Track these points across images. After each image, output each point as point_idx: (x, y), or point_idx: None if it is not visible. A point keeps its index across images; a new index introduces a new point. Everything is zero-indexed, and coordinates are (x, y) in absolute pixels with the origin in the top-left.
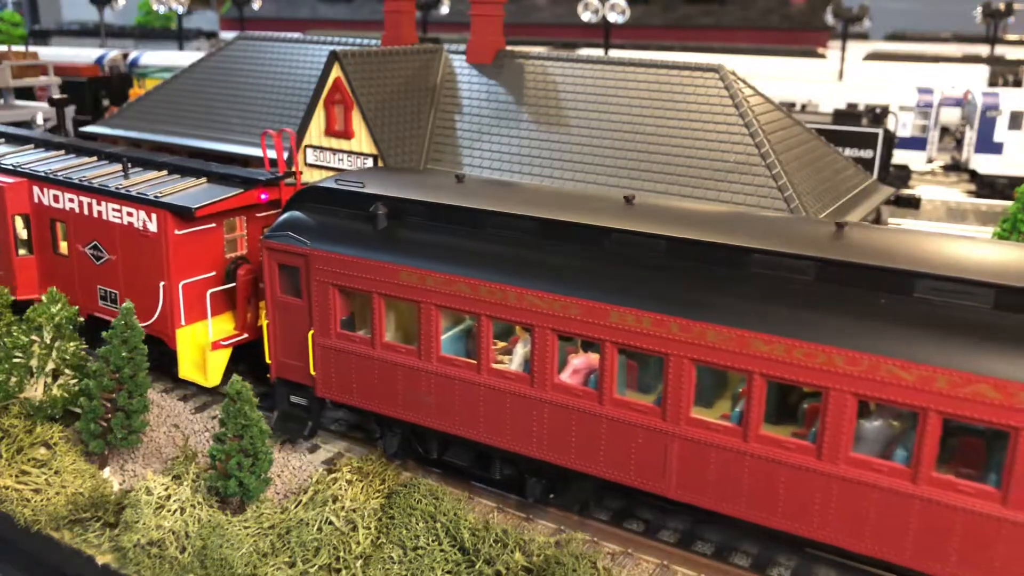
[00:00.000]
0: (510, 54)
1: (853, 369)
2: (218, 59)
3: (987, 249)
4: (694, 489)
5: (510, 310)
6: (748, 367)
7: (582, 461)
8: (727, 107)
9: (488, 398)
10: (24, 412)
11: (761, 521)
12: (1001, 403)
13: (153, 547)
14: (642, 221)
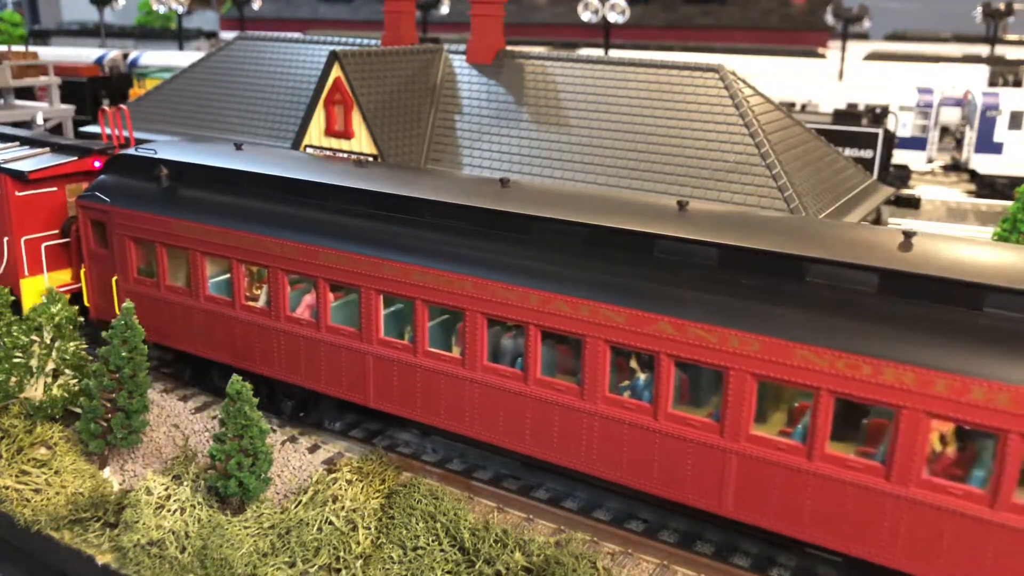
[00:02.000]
0: (510, 54)
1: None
2: (218, 59)
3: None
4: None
5: (256, 255)
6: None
7: (300, 376)
8: (727, 107)
9: (240, 329)
10: (24, 412)
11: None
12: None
13: (153, 547)
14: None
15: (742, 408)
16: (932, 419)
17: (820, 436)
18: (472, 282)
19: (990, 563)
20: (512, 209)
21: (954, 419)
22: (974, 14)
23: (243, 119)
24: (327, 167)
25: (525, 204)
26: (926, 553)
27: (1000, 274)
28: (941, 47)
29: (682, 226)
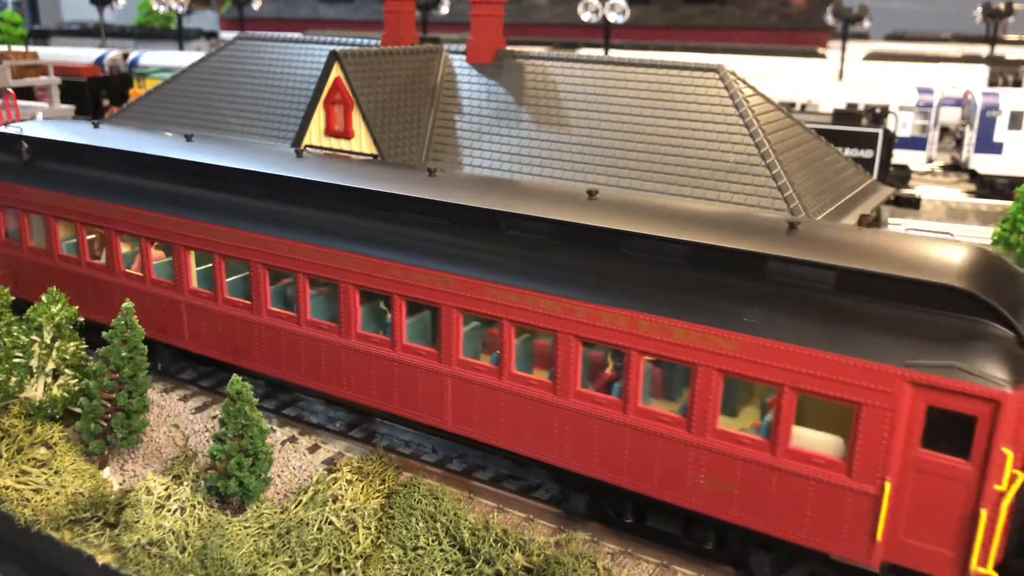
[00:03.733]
0: (510, 54)
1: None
2: (218, 59)
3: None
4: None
5: (96, 219)
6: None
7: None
8: (727, 107)
9: (86, 283)
10: (24, 412)
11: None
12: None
13: (153, 547)
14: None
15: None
16: (580, 341)
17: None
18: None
19: (625, 453)
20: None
21: (593, 340)
22: (974, 14)
23: (243, 119)
24: (160, 144)
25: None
26: (584, 446)
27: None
28: (941, 47)
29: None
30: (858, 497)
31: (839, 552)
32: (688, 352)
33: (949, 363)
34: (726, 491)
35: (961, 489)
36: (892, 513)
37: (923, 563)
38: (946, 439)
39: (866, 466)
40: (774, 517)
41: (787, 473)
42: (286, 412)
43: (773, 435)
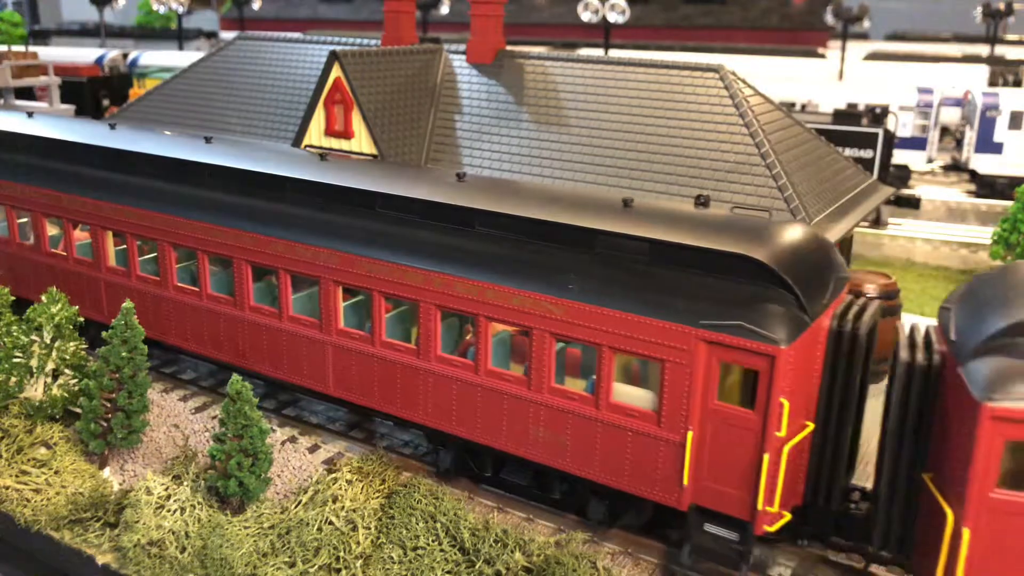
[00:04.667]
0: (510, 54)
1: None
2: (218, 59)
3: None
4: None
5: (24, 202)
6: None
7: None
8: (727, 107)
9: (17, 262)
10: (24, 412)
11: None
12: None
13: (153, 547)
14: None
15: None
16: (439, 309)
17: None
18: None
19: (478, 412)
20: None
21: (449, 308)
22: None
23: (243, 119)
24: (84, 131)
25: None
26: (445, 405)
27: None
28: (941, 47)
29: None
30: (667, 445)
31: (654, 496)
32: (525, 317)
33: (736, 323)
34: (561, 443)
35: (749, 436)
36: (695, 459)
37: (722, 504)
38: (736, 391)
39: (672, 417)
40: (601, 466)
41: (609, 425)
42: (286, 412)
43: (597, 391)
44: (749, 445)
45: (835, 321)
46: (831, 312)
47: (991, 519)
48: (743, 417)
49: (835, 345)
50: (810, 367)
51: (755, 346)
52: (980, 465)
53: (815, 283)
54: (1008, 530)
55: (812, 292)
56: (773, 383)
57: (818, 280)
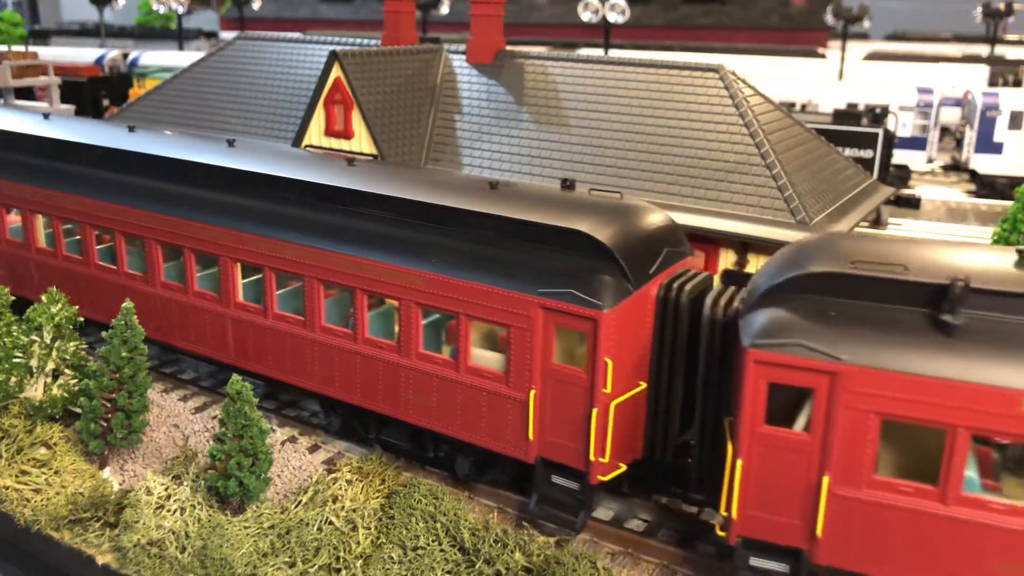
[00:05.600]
0: (510, 54)
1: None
2: (218, 59)
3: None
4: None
5: None
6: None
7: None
8: (727, 107)
9: None
10: (24, 412)
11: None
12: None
13: (153, 547)
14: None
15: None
16: (323, 284)
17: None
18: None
19: (358, 377)
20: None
21: (332, 282)
22: (974, 14)
23: (243, 119)
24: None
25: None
26: (330, 372)
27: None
28: (941, 47)
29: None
30: (515, 404)
31: (506, 450)
32: (395, 289)
33: (567, 290)
34: (428, 404)
35: (581, 393)
36: (538, 416)
37: (562, 456)
38: (569, 352)
39: (518, 377)
40: (462, 424)
41: (468, 387)
42: (286, 412)
43: (457, 355)
44: (581, 401)
45: (662, 290)
46: (659, 281)
47: (759, 452)
48: (575, 375)
49: (662, 311)
50: (637, 330)
51: (581, 311)
52: (748, 404)
53: (642, 255)
54: (773, 461)
55: (637, 263)
56: (598, 344)
57: (646, 253)
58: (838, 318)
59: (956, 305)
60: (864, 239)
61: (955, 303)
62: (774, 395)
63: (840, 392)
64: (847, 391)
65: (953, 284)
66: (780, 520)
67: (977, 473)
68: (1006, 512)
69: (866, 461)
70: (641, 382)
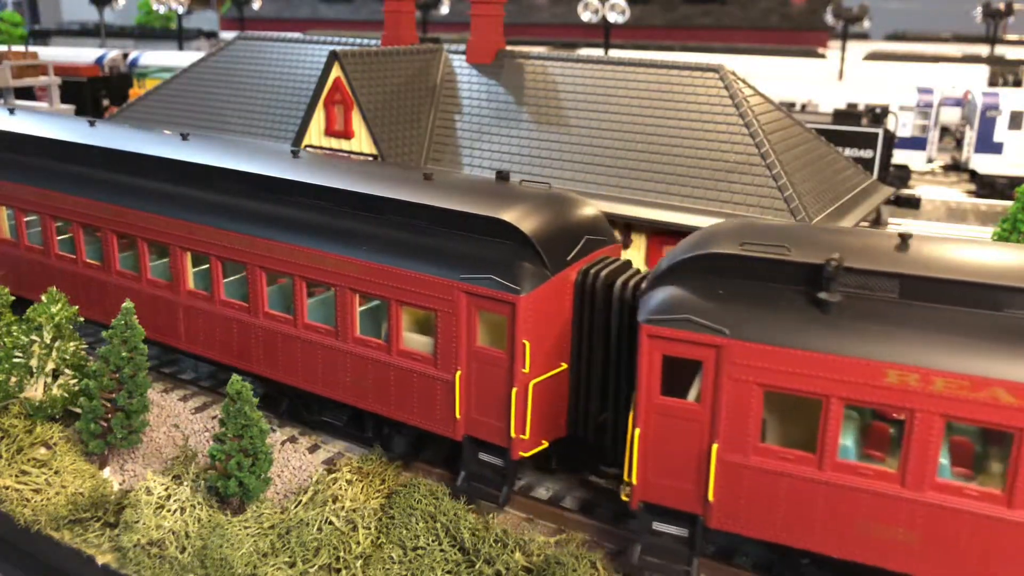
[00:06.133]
0: (510, 54)
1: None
2: (218, 59)
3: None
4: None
5: None
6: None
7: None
8: (727, 107)
9: None
10: (24, 412)
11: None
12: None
13: (153, 547)
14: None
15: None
16: (264, 271)
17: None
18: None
19: (299, 360)
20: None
21: (272, 270)
22: (974, 14)
23: (243, 119)
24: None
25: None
26: (272, 355)
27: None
28: (941, 47)
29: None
30: (443, 384)
31: (436, 428)
32: (331, 276)
33: (487, 276)
34: (364, 386)
35: (501, 373)
36: (464, 395)
37: (487, 434)
38: (490, 335)
39: (445, 359)
40: (396, 404)
41: (400, 369)
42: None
43: (389, 339)
44: (502, 381)
45: (580, 275)
46: (578, 268)
47: (656, 421)
48: (497, 357)
49: (580, 295)
50: (556, 314)
51: (500, 295)
52: (644, 376)
53: (560, 243)
54: (668, 430)
55: (555, 250)
56: (516, 326)
57: (564, 241)
58: (726, 296)
59: (831, 283)
60: (769, 224)
61: (829, 281)
62: (668, 367)
63: (725, 364)
64: (731, 363)
65: (827, 264)
66: (677, 486)
67: (856, 442)
68: (876, 477)
69: (751, 430)
70: (563, 363)
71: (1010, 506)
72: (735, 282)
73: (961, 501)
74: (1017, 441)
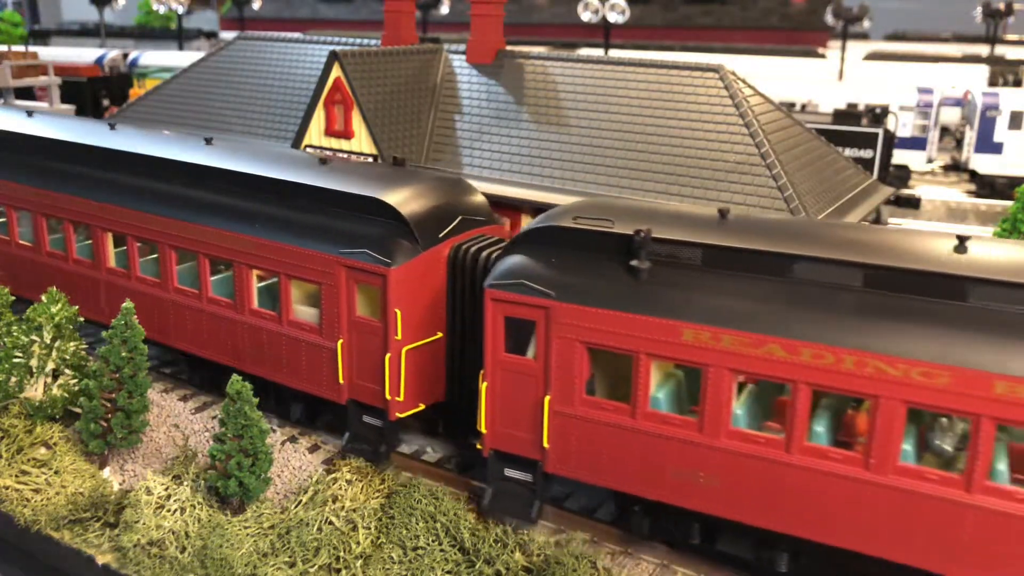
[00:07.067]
0: (510, 54)
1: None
2: (218, 59)
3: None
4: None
5: None
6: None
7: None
8: (727, 107)
9: None
10: (24, 412)
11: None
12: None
13: (153, 547)
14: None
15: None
16: (174, 250)
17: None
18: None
19: (205, 334)
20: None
21: (183, 249)
22: (974, 14)
23: (243, 119)
24: None
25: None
26: (181, 329)
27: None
28: (941, 47)
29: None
30: (327, 352)
31: (323, 393)
32: (230, 252)
33: (362, 250)
34: (260, 355)
35: (377, 340)
36: (346, 361)
37: (367, 397)
38: (368, 305)
39: (329, 328)
40: (288, 372)
41: (290, 338)
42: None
43: (280, 310)
44: (378, 347)
45: (453, 251)
46: (452, 244)
47: (501, 376)
48: (373, 325)
49: (452, 269)
50: (428, 286)
51: (373, 268)
52: (489, 336)
53: (433, 221)
54: (511, 384)
55: (427, 227)
56: (388, 297)
57: (438, 219)
58: (556, 264)
59: (640, 252)
60: (616, 203)
61: (639, 250)
62: (510, 328)
63: (553, 324)
64: (558, 323)
65: (636, 234)
66: (519, 435)
67: (668, 394)
68: (680, 426)
69: (577, 383)
70: (439, 332)
71: (788, 451)
72: (566, 252)
73: (749, 448)
74: (792, 391)
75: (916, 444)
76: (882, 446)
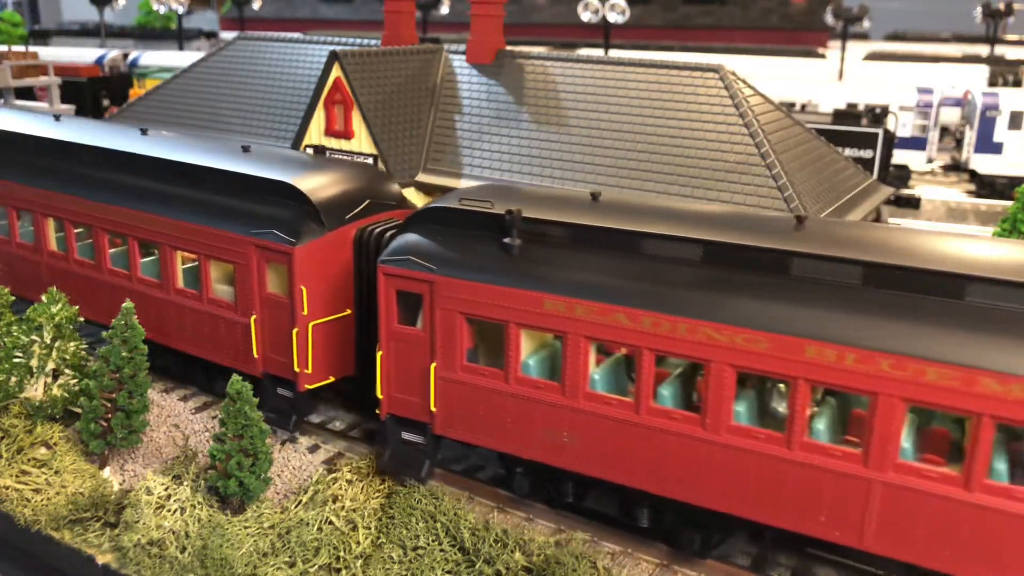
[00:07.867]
0: (510, 54)
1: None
2: (218, 59)
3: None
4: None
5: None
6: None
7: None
8: (727, 107)
9: None
10: (24, 412)
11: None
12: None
13: (153, 547)
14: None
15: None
16: (129, 238)
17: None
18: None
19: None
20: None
21: (126, 235)
22: (974, 14)
23: (243, 119)
24: None
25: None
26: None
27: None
28: (941, 47)
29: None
30: (242, 327)
31: (239, 367)
32: (156, 235)
33: (270, 231)
34: (184, 331)
35: (286, 315)
36: (259, 337)
37: (278, 370)
38: (275, 282)
39: (243, 305)
40: (210, 347)
41: (209, 315)
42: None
43: (202, 289)
44: (287, 322)
45: (359, 232)
46: (358, 226)
47: (394, 346)
48: (282, 301)
49: (358, 249)
50: (334, 265)
51: (279, 247)
52: (383, 308)
53: (339, 204)
54: (403, 352)
55: (333, 210)
56: (293, 274)
57: (344, 202)
58: (442, 241)
59: (511, 230)
60: (513, 188)
61: (510, 228)
62: (401, 300)
63: (436, 297)
64: (440, 296)
65: (507, 214)
66: (411, 400)
67: (538, 361)
68: (546, 389)
69: (458, 351)
70: (348, 309)
71: (637, 412)
72: (451, 230)
73: (604, 409)
74: (637, 357)
75: (750, 407)
76: (715, 407)
